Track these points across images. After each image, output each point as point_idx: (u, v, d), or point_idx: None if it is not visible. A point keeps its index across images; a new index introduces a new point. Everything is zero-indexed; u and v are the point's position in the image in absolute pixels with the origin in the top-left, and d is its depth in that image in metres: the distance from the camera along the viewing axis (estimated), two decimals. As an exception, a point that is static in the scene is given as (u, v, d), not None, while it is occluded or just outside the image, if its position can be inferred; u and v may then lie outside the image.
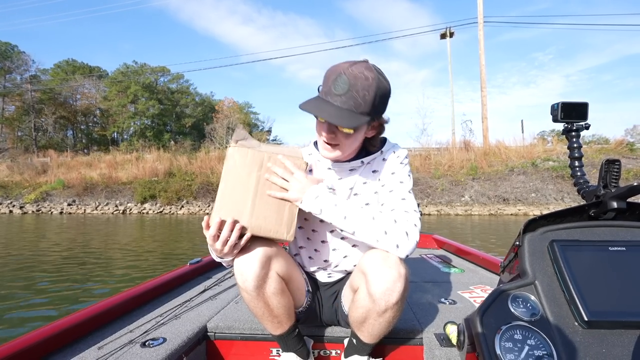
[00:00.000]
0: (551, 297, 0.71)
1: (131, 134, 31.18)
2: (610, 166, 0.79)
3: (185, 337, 1.08)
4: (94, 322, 1.15)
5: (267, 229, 0.91)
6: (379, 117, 0.96)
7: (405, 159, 1.05)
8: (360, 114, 0.89)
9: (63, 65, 32.35)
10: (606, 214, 0.78)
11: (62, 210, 14.15)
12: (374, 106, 0.90)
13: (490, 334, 0.68)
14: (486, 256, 2.08)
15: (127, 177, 15.52)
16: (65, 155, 19.92)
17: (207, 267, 1.95)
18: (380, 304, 0.87)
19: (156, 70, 32.36)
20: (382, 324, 0.92)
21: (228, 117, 26.60)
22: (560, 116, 0.88)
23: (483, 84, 16.16)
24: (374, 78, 0.87)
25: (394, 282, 0.86)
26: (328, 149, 0.98)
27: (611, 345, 0.64)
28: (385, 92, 0.92)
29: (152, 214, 13.52)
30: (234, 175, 0.91)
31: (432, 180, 13.12)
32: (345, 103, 0.88)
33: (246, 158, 0.92)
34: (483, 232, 7.59)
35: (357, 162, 1.04)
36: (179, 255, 5.40)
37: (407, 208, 0.94)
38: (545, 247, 0.77)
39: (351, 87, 0.87)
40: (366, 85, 0.87)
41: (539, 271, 0.74)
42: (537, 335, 0.66)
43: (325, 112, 0.88)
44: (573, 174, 0.93)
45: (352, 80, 0.87)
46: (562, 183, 11.95)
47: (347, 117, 0.87)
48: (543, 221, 0.80)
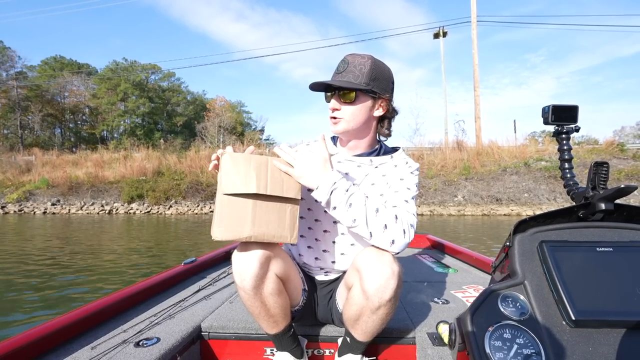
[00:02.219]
0: (540, 297, 0.72)
1: (121, 133, 30.67)
2: (599, 168, 0.80)
3: (179, 337, 1.07)
4: (87, 322, 1.14)
5: (271, 234, 0.90)
6: (383, 94, 1.03)
7: (417, 171, 1.08)
8: (358, 84, 0.99)
9: (51, 62, 31.69)
10: (594, 215, 0.79)
11: (46, 210, 13.73)
12: (372, 79, 1.00)
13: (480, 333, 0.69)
14: (479, 256, 2.09)
15: (114, 176, 15.13)
16: (51, 153, 19.38)
17: (201, 267, 1.93)
18: (374, 301, 0.88)
19: (147, 68, 31.89)
20: (376, 321, 0.93)
21: (220, 115, 26.33)
22: (551, 119, 0.89)
23: (476, 84, 16.13)
24: (369, 57, 1.02)
25: (388, 280, 0.87)
26: (333, 121, 1.05)
27: (598, 344, 0.65)
28: (384, 70, 1.03)
29: (140, 214, 13.18)
30: (230, 184, 0.89)
31: (425, 180, 13.04)
32: (344, 76, 1.01)
33: (239, 165, 0.90)
34: (476, 233, 7.48)
35: (365, 159, 1.08)
36: (168, 258, 5.16)
37: (409, 209, 0.96)
38: (535, 248, 0.78)
39: (349, 65, 1.01)
40: (362, 62, 1.01)
41: (528, 271, 0.75)
42: (525, 334, 0.67)
43: (328, 81, 1.01)
44: (563, 176, 0.94)
45: (350, 60, 1.02)
46: (555, 183, 11.97)
47: (345, 84, 0.99)
48: (533, 222, 0.81)
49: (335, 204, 0.91)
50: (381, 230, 0.89)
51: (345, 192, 0.90)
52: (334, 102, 1.03)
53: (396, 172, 1.06)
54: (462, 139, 15.49)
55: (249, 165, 0.89)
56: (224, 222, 0.88)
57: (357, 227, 0.90)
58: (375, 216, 0.90)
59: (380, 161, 1.08)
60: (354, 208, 0.89)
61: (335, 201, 0.90)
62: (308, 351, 1.17)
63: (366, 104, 1.02)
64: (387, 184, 1.05)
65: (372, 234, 0.89)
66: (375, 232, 0.89)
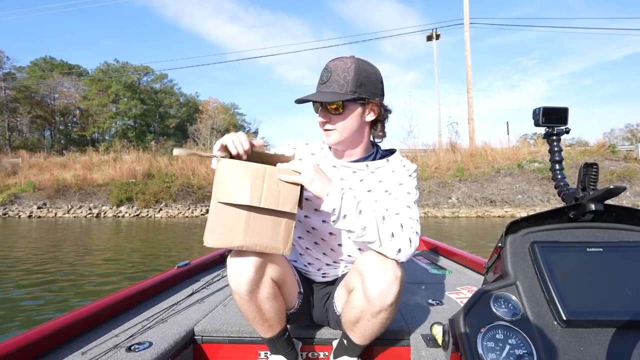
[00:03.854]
0: (532, 297, 0.72)
1: (113, 135, 30.22)
2: (589, 169, 0.81)
3: (172, 341, 1.06)
4: (78, 326, 1.12)
5: (263, 245, 0.89)
6: (373, 98, 0.99)
7: (415, 172, 1.06)
8: (345, 94, 0.95)
9: (40, 63, 31.20)
10: (585, 215, 0.79)
11: (32, 213, 13.35)
12: (358, 85, 0.95)
13: (472, 333, 0.69)
14: (473, 257, 2.09)
15: (103, 178, 14.80)
16: (39, 155, 18.94)
17: (195, 270, 1.90)
18: (375, 305, 0.88)
19: (139, 70, 31.54)
20: (375, 325, 0.93)
21: (212, 117, 26.10)
22: (541, 120, 0.90)
23: (469, 85, 16.16)
24: (352, 61, 0.96)
25: (390, 284, 0.87)
26: (327, 135, 1.02)
27: (588, 344, 0.66)
28: (370, 72, 0.98)
29: (128, 217, 12.88)
30: (224, 193, 0.86)
31: (419, 182, 12.89)
32: (329, 87, 0.97)
33: (235, 173, 0.86)
34: (471, 236, 7.38)
35: (361, 165, 1.05)
36: (160, 262, 4.95)
37: (412, 215, 0.95)
38: (527, 249, 0.78)
39: (332, 73, 0.96)
40: (345, 68, 0.96)
41: (520, 272, 0.76)
42: (517, 334, 0.67)
43: (313, 96, 0.97)
44: (554, 177, 0.95)
45: (333, 67, 0.97)
46: (548, 185, 11.97)
47: (331, 96, 0.95)
48: (525, 223, 0.82)
49: (345, 212, 0.87)
50: (388, 239, 0.88)
51: (354, 199, 0.88)
52: (323, 114, 0.99)
53: (394, 177, 1.04)
54: (455, 140, 15.51)
55: (245, 175, 0.86)
56: (216, 229, 0.86)
57: (365, 235, 0.87)
58: (382, 224, 0.88)
59: (376, 165, 1.06)
60: (364, 215, 0.87)
61: (346, 208, 0.87)
62: (302, 354, 1.17)
63: (356, 112, 0.99)
64: (386, 191, 1.03)
65: (381, 242, 0.88)
66: (383, 240, 0.88)
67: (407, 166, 1.06)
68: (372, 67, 0.99)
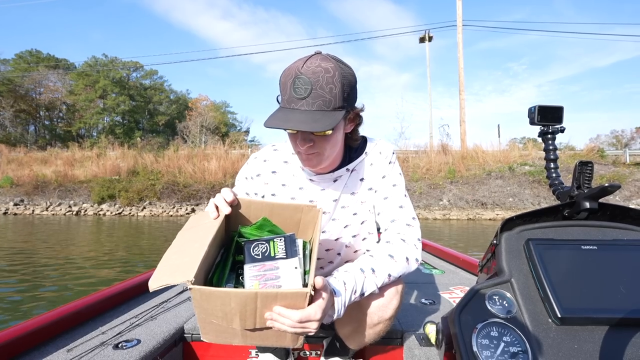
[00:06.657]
0: (526, 295, 0.72)
1: (100, 131, 29.48)
2: (583, 168, 0.80)
3: (161, 339, 1.05)
4: (63, 323, 1.10)
5: (268, 343, 0.78)
6: (354, 108, 0.87)
7: (393, 155, 1.00)
8: (333, 111, 0.79)
9: (26, 56, 30.33)
10: (579, 213, 0.80)
11: (7, 210, 12.79)
12: (345, 98, 0.81)
13: (467, 331, 0.68)
14: (466, 257, 2.09)
15: (85, 175, 14.29)
16: (18, 150, 18.27)
17: None
18: (374, 318, 0.88)
19: (128, 65, 30.89)
20: (371, 335, 0.93)
21: (202, 115, 25.67)
22: (537, 119, 0.89)
23: (461, 87, 16.10)
24: (334, 68, 0.79)
25: (390, 299, 0.87)
26: (309, 161, 0.87)
27: (583, 341, 0.66)
28: (352, 79, 0.83)
29: (110, 215, 12.41)
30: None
31: (410, 183, 12.81)
32: (312, 104, 0.78)
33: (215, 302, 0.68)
34: (462, 241, 7.20)
35: (341, 171, 0.96)
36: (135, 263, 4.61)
37: (408, 219, 0.93)
38: (522, 246, 0.78)
39: (314, 85, 0.77)
40: (329, 78, 0.78)
41: (515, 269, 0.76)
42: (512, 332, 0.68)
43: (294, 121, 0.77)
44: (548, 175, 0.95)
45: (312, 77, 0.77)
46: (539, 188, 11.95)
47: (321, 119, 0.77)
48: (520, 220, 0.82)
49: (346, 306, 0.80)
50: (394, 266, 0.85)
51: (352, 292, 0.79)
52: (304, 137, 0.82)
53: (374, 170, 0.97)
54: (447, 142, 15.43)
55: (229, 305, 0.67)
56: (209, 334, 0.75)
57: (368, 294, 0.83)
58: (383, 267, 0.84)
59: (354, 163, 0.97)
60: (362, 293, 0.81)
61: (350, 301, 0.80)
62: (294, 353, 1.18)
63: (340, 127, 0.87)
64: (371, 189, 0.98)
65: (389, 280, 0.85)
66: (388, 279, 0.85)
67: (384, 152, 0.98)
68: (351, 70, 0.84)
